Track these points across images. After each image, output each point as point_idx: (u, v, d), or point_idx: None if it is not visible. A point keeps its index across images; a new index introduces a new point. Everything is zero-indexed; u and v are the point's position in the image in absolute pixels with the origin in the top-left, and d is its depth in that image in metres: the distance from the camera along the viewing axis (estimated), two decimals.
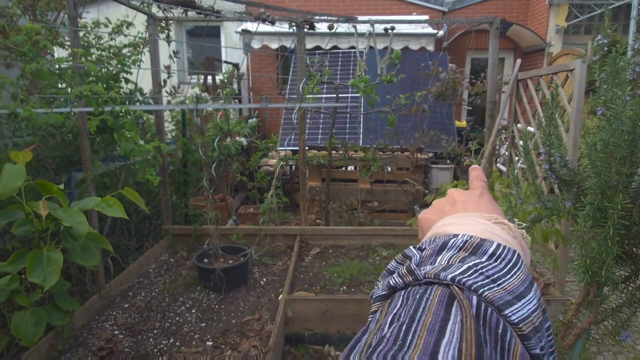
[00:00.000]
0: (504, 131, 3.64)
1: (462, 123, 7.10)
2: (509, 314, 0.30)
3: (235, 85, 6.20)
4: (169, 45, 3.42)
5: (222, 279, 2.79)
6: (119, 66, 2.98)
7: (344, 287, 2.97)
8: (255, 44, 7.30)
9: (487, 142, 3.51)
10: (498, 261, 0.34)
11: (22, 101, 2.25)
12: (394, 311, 0.32)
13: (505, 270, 0.34)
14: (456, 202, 0.46)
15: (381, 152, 4.45)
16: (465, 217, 0.42)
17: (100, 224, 2.95)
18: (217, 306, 2.75)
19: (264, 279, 3.13)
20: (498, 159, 4.45)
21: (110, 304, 2.69)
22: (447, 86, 4.73)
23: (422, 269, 0.35)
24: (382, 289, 0.38)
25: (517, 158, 3.50)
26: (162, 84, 3.48)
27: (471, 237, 0.37)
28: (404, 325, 0.29)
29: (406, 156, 4.64)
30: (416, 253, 0.39)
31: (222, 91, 4.11)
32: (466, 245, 0.37)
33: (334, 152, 4.13)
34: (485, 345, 0.26)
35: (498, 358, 0.26)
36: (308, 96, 3.38)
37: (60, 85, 2.73)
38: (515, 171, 1.83)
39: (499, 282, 0.32)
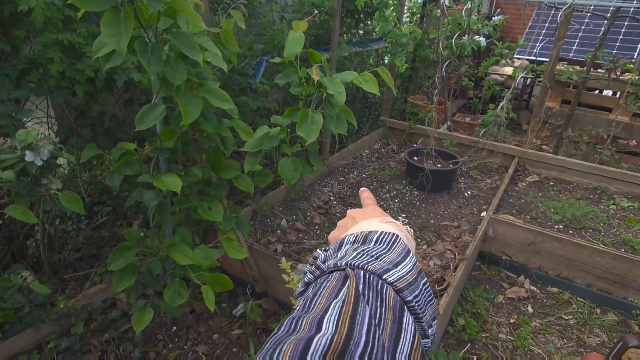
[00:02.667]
0: None
1: None
2: (387, 277, 0.40)
3: None
4: None
5: (429, 180, 2.83)
6: None
7: (560, 226, 2.63)
8: None
9: None
10: (381, 244, 0.46)
11: None
12: (305, 295, 0.41)
13: (386, 249, 0.45)
14: (355, 217, 0.56)
15: None
16: (362, 224, 0.52)
17: None
18: (417, 203, 2.85)
19: (469, 192, 3.03)
20: None
21: (330, 173, 3.11)
22: None
23: (326, 263, 0.45)
24: (300, 286, 0.47)
25: None
26: None
27: (361, 232, 0.49)
28: (308, 299, 0.38)
29: None
30: (322, 253, 0.49)
31: None
32: (357, 239, 0.48)
33: (592, 70, 3.33)
34: (363, 296, 0.36)
35: (378, 303, 0.37)
36: None
37: None
38: None
39: (380, 258, 0.43)
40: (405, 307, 0.40)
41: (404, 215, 2.67)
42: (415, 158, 3.14)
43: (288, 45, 1.36)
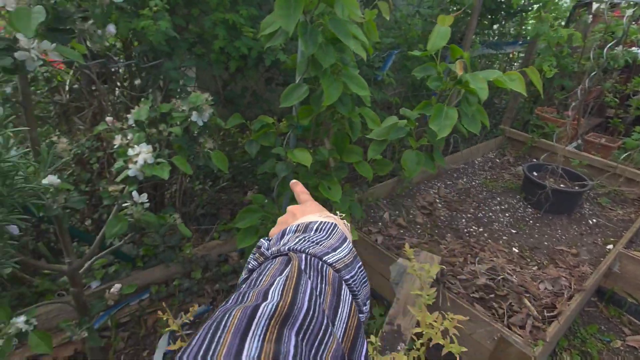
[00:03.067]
0: None
1: None
2: (327, 259, 0.45)
3: None
4: None
5: (548, 199, 2.60)
6: None
7: None
8: None
9: None
10: (321, 232, 0.51)
11: None
12: (250, 278, 0.42)
13: (325, 236, 0.50)
14: (295, 214, 0.59)
15: None
16: (303, 219, 0.56)
17: None
18: (531, 221, 2.64)
19: (594, 220, 2.71)
20: None
21: (438, 175, 3.03)
22: None
23: (270, 250, 0.48)
24: (244, 273, 0.49)
25: None
26: None
27: (302, 222, 0.54)
28: (254, 279, 0.41)
29: None
30: (265, 242, 0.52)
31: None
32: (298, 228, 0.52)
33: None
34: (304, 273, 0.40)
35: (318, 280, 0.41)
36: None
37: None
38: None
39: (320, 243, 0.48)
40: (344, 283, 0.44)
41: (514, 231, 2.50)
42: (535, 174, 2.90)
43: (432, 39, 1.36)
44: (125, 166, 1.19)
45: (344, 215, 0.61)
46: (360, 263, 0.50)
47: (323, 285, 0.40)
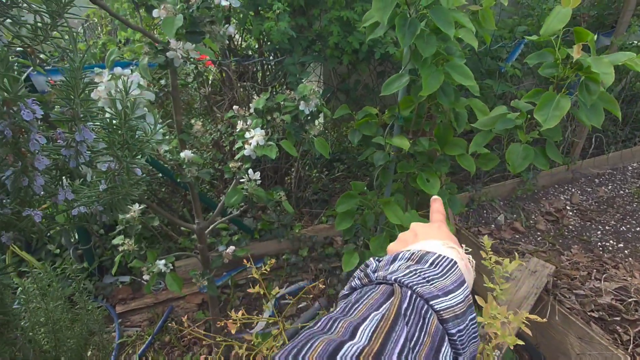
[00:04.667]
0: None
1: None
2: (434, 304, 0.39)
3: None
4: None
5: None
6: None
7: None
8: None
9: None
10: (436, 267, 0.44)
11: None
12: (348, 299, 0.41)
13: (440, 274, 0.43)
14: (417, 234, 0.53)
15: None
16: (423, 243, 0.50)
17: None
18: None
19: None
20: None
21: (573, 180, 2.68)
22: None
23: (375, 274, 0.45)
24: (346, 289, 0.47)
25: None
26: None
27: (419, 250, 0.47)
28: (350, 303, 0.39)
29: None
30: (374, 262, 0.48)
31: None
32: (412, 257, 0.46)
33: None
34: (404, 316, 0.36)
35: (418, 327, 0.36)
36: None
37: None
38: None
39: (431, 282, 0.41)
40: (447, 339, 0.38)
41: None
42: None
43: (548, 22, 1.25)
44: (242, 147, 1.41)
45: (470, 250, 0.54)
46: (474, 315, 0.42)
47: (422, 334, 0.35)
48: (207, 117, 2.29)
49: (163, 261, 1.47)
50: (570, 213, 2.40)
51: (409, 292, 0.39)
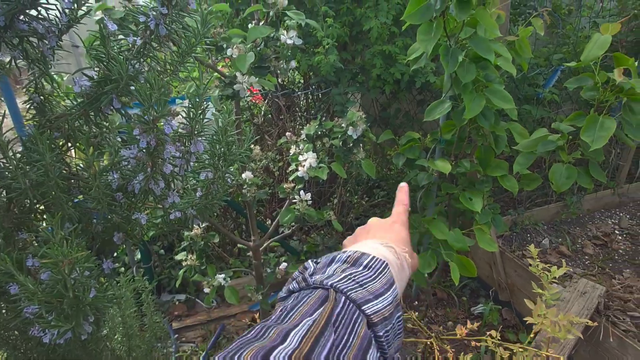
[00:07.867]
0: None
1: None
2: (365, 309, 0.41)
3: None
4: None
5: None
6: None
7: None
8: None
9: None
10: (369, 270, 0.46)
11: None
12: (284, 305, 0.41)
13: (373, 277, 0.45)
14: (369, 231, 0.57)
15: None
16: (363, 243, 0.52)
17: None
18: None
19: None
20: None
21: (621, 204, 2.62)
22: None
23: (313, 277, 0.45)
24: (284, 291, 0.46)
25: None
26: None
27: (355, 252, 0.48)
28: (286, 311, 0.38)
29: None
30: (312, 265, 0.48)
31: None
32: (348, 259, 0.47)
33: None
34: (334, 324, 0.36)
35: (349, 328, 0.37)
36: None
37: None
38: None
39: (365, 286, 0.43)
40: (373, 342, 0.40)
41: None
42: None
43: (588, 48, 1.33)
44: (295, 169, 1.54)
45: (406, 249, 0.54)
46: (401, 312, 0.46)
47: (351, 337, 0.37)
48: (256, 144, 2.47)
49: (222, 275, 1.59)
50: (620, 237, 2.34)
51: (343, 297, 0.41)
